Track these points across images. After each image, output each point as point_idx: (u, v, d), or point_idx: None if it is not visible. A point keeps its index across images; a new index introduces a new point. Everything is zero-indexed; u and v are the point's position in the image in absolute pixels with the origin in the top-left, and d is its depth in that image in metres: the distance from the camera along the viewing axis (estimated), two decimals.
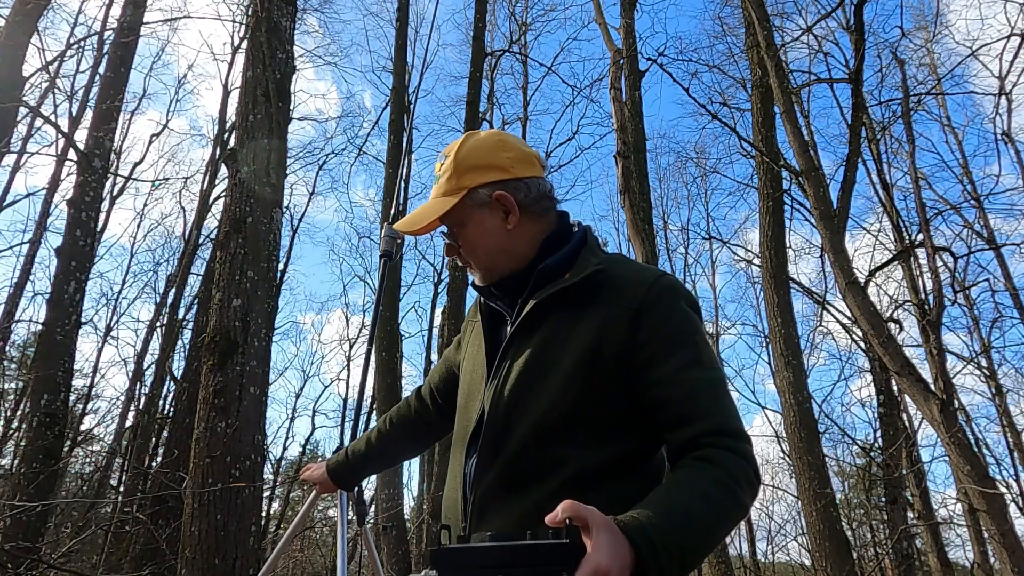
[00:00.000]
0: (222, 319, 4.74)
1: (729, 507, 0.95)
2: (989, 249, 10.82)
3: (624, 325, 1.10)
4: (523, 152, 1.26)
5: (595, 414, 1.09)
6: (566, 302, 1.15)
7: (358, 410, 1.81)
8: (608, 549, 0.79)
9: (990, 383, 11.71)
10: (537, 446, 1.09)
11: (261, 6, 5.76)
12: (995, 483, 5.47)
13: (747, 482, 0.99)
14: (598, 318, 1.11)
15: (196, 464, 4.37)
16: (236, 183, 5.22)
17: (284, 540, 2.07)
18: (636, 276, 1.16)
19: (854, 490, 14.93)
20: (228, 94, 14.74)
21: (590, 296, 1.14)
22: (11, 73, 7.45)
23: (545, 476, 1.08)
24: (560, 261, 1.19)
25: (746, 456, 1.01)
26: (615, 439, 1.09)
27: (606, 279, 1.15)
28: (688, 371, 1.07)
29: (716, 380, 1.09)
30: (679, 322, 1.12)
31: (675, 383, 1.06)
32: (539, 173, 1.26)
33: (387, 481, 9.17)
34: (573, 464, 1.07)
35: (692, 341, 1.10)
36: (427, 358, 17.49)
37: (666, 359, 1.08)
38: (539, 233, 1.24)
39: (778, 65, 7.30)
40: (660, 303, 1.11)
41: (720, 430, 1.02)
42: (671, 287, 1.15)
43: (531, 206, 1.23)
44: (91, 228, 7.67)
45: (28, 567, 4.61)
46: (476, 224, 1.23)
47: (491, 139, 1.26)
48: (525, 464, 1.09)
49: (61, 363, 6.93)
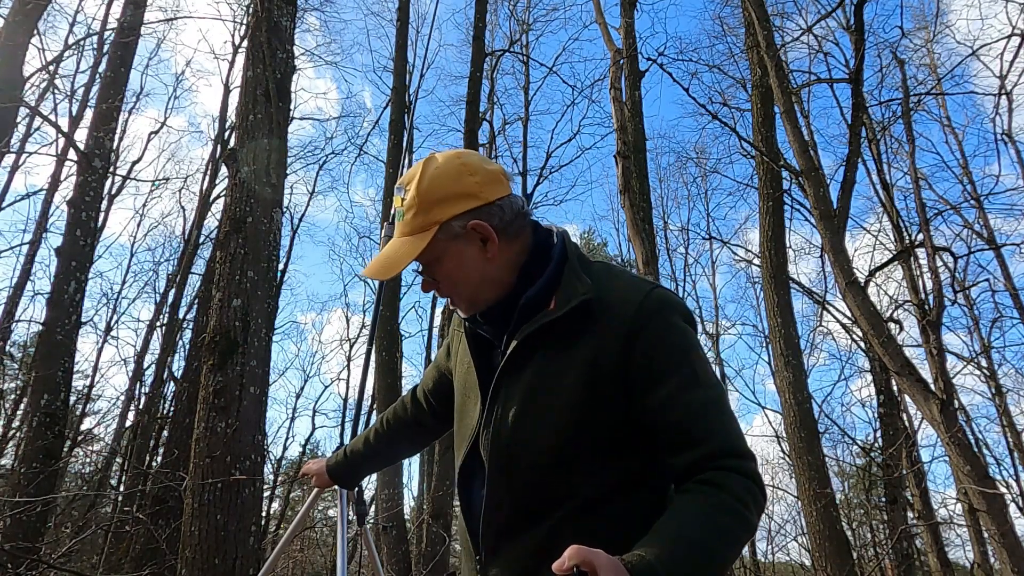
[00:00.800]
0: (222, 319, 4.74)
1: (736, 531, 0.95)
2: (989, 249, 10.82)
3: (617, 351, 1.07)
4: (488, 172, 1.17)
5: (598, 442, 1.08)
6: (554, 334, 1.11)
7: (358, 410, 1.81)
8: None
9: (990, 383, 11.72)
10: (544, 481, 1.09)
11: (261, 6, 5.76)
12: (995, 483, 5.47)
13: (754, 502, 0.98)
14: (590, 348, 1.08)
15: (196, 464, 4.37)
16: (236, 183, 5.22)
17: (284, 540, 2.07)
18: (624, 296, 1.11)
19: (854, 490, 14.93)
20: (228, 93, 14.76)
21: (579, 326, 1.11)
22: (11, 73, 7.45)
23: (553, 508, 1.08)
24: (543, 289, 1.14)
25: (751, 475, 1.00)
26: (620, 460, 1.09)
27: (595, 307, 1.11)
28: (686, 393, 1.04)
29: (715, 399, 1.06)
30: (673, 341, 1.08)
31: (673, 407, 1.04)
32: (507, 191, 1.18)
33: (387, 481, 9.17)
34: (582, 492, 1.07)
35: (687, 361, 1.07)
36: (427, 358, 17.49)
37: (663, 382, 1.05)
38: (518, 255, 1.18)
39: (778, 65, 7.30)
40: (652, 323, 1.08)
41: (723, 451, 1.01)
42: (661, 304, 1.10)
43: (507, 228, 1.16)
44: (91, 228, 7.67)
45: (28, 567, 4.61)
46: (453, 257, 1.16)
47: (452, 164, 1.16)
48: (533, 500, 1.09)
49: (61, 363, 6.93)
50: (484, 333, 1.23)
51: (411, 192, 1.16)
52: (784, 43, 9.35)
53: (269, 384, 5.07)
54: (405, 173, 1.21)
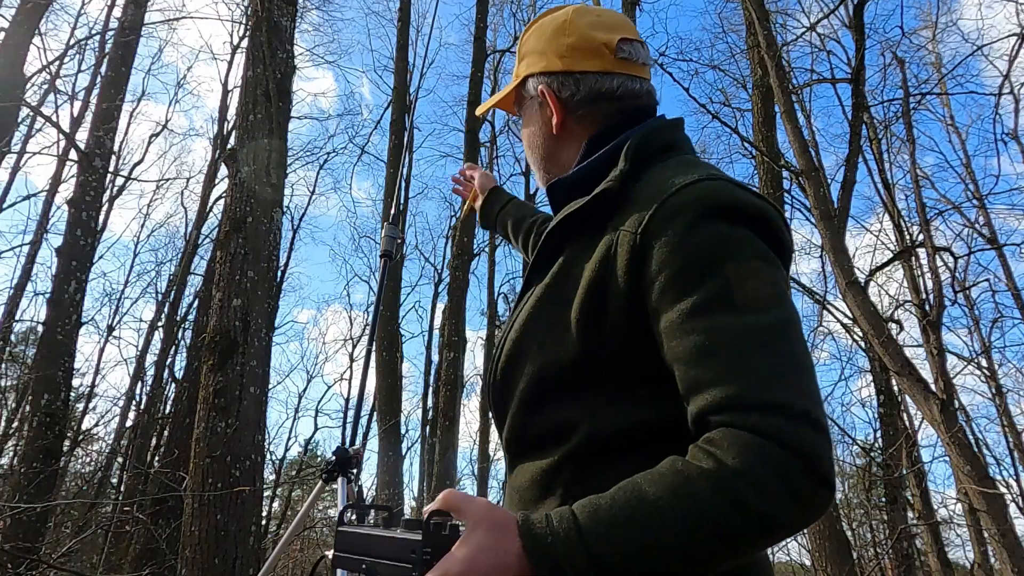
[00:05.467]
0: (222, 319, 4.74)
1: (718, 514, 0.64)
2: (990, 249, 10.82)
3: (629, 257, 0.82)
4: (587, 38, 0.98)
5: (607, 372, 0.84)
6: (580, 230, 0.91)
7: (358, 410, 1.81)
8: (469, 553, 0.64)
9: (990, 383, 11.70)
10: (538, 408, 0.88)
11: (261, 6, 5.76)
12: (995, 483, 5.47)
13: (779, 481, 0.64)
14: (605, 250, 0.85)
15: (196, 464, 4.37)
16: (236, 183, 5.22)
17: (284, 540, 2.07)
18: (658, 187, 0.84)
19: (854, 490, 14.92)
20: (228, 94, 14.75)
21: (604, 217, 0.89)
22: (12, 73, 7.46)
23: (550, 443, 0.87)
24: (584, 173, 0.95)
25: (787, 440, 0.65)
26: (636, 403, 0.83)
27: (620, 199, 0.88)
28: (702, 317, 0.74)
29: (755, 327, 0.72)
30: (699, 245, 0.77)
31: (682, 334, 0.75)
32: (607, 67, 0.97)
33: (387, 481, 9.18)
34: (582, 431, 0.84)
35: (717, 273, 0.75)
36: (427, 358, 17.51)
37: (675, 302, 0.76)
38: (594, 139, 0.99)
39: (778, 65, 7.30)
40: (674, 222, 0.79)
41: (742, 402, 0.68)
42: (696, 198, 0.79)
43: (580, 108, 0.98)
44: (92, 228, 7.68)
45: (28, 567, 4.62)
46: (528, 118, 1.06)
47: (560, 18, 1.01)
48: (527, 427, 0.90)
49: (61, 363, 6.94)
50: None
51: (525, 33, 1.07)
52: (786, 42, 9.35)
53: (269, 384, 5.07)
54: None
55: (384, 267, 1.82)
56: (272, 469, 16.91)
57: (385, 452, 9.43)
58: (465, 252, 10.65)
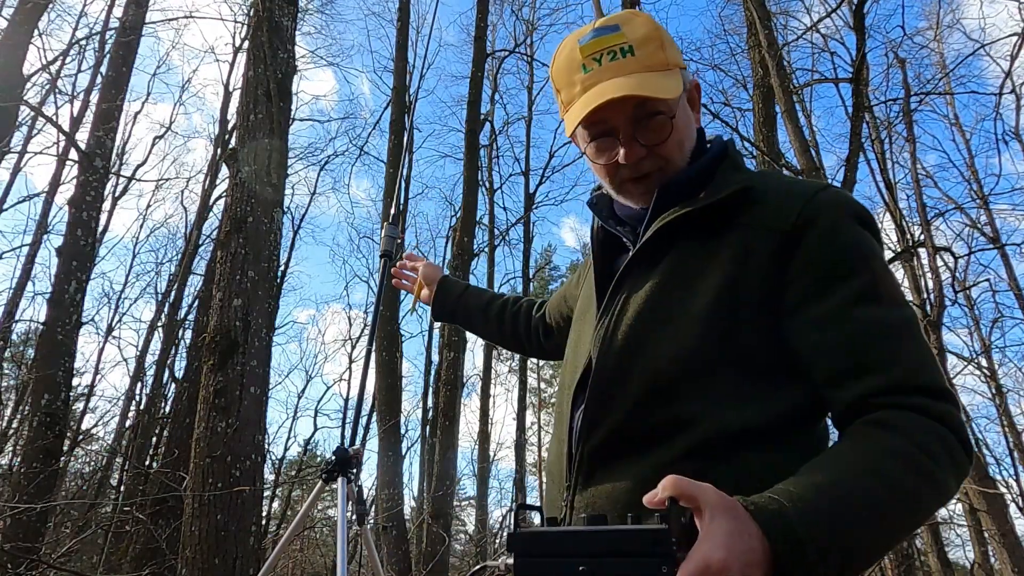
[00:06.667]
0: (222, 319, 4.74)
1: (916, 487, 0.70)
2: (991, 249, 10.82)
3: (771, 252, 0.85)
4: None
5: (734, 365, 0.85)
6: (700, 226, 0.91)
7: (358, 410, 1.80)
8: (724, 539, 0.61)
9: (990, 383, 11.70)
10: (657, 401, 0.87)
11: (263, 6, 5.76)
12: (995, 483, 5.47)
13: (948, 457, 0.72)
14: (739, 245, 0.87)
15: (196, 464, 4.37)
16: (237, 183, 5.22)
17: (284, 540, 2.07)
18: (791, 189, 0.90)
19: None
20: (229, 94, 14.75)
21: (732, 218, 0.90)
22: (12, 73, 7.45)
23: (667, 437, 0.85)
24: (693, 176, 0.96)
25: (946, 419, 0.74)
26: (761, 397, 0.84)
27: (754, 196, 0.91)
28: (858, 308, 0.80)
29: (901, 320, 0.81)
30: (847, 243, 0.84)
31: (839, 323, 0.80)
32: None
33: (387, 481, 9.17)
34: (705, 425, 0.83)
35: (865, 268, 0.83)
36: (427, 358, 17.50)
37: (827, 293, 0.82)
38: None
39: (779, 65, 7.30)
40: (823, 217, 0.85)
41: (907, 384, 0.76)
42: (837, 201, 0.87)
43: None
44: (92, 228, 7.67)
45: (28, 567, 4.61)
46: (682, 112, 0.97)
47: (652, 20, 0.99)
48: (642, 422, 0.87)
49: (61, 363, 6.93)
50: (616, 231, 1.03)
51: (638, 27, 0.96)
52: (787, 42, 9.35)
53: (270, 384, 5.07)
54: (601, 19, 0.99)
55: (384, 267, 1.82)
56: (272, 469, 16.93)
57: (385, 452, 9.42)
58: (465, 252, 10.65)
